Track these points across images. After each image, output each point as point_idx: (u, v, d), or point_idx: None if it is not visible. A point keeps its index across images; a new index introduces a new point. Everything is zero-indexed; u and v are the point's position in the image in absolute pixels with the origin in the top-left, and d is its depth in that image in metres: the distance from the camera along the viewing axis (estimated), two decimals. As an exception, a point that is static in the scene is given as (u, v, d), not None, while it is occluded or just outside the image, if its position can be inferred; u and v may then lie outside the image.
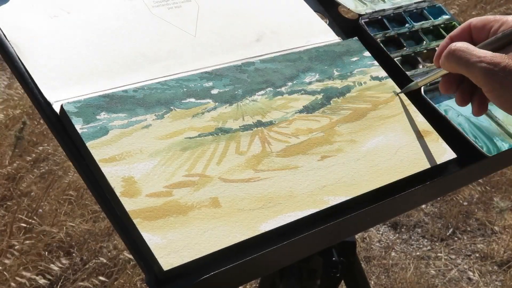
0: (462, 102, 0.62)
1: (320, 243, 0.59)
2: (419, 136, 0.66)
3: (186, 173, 0.54)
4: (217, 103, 0.60)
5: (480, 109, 0.61)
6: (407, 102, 0.70)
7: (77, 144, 0.53)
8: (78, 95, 0.57)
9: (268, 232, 0.53)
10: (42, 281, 1.53)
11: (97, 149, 0.52)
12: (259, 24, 0.72)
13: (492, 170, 0.74)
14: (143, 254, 0.48)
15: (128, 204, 0.50)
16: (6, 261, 1.55)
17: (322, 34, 0.75)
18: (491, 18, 0.60)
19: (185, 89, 0.60)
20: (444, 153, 0.66)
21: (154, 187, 0.52)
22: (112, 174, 0.51)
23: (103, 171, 0.51)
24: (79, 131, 0.53)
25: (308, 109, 0.64)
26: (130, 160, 0.53)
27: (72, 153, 0.53)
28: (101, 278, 1.54)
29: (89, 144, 0.52)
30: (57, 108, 0.55)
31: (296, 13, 0.76)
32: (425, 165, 0.64)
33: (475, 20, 0.60)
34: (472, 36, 0.61)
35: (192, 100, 0.59)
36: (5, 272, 1.53)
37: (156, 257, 0.48)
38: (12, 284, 1.51)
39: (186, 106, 0.59)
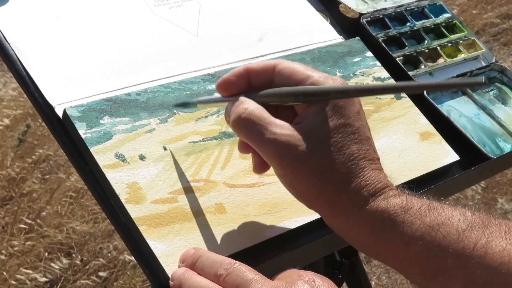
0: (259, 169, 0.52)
1: (328, 248, 0.59)
2: (422, 138, 0.66)
3: (191, 178, 0.53)
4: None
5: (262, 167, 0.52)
6: (409, 103, 0.69)
7: (80, 149, 0.53)
8: (80, 97, 0.56)
9: (274, 238, 0.52)
10: (42, 279, 1.53)
11: (101, 155, 0.51)
12: (261, 23, 0.71)
13: (495, 172, 0.74)
14: (149, 262, 0.48)
15: (133, 211, 0.49)
16: (6, 261, 1.55)
17: (324, 33, 0.74)
18: (299, 72, 0.49)
19: (188, 92, 0.59)
20: (447, 155, 0.66)
21: (159, 193, 0.51)
22: (117, 180, 0.50)
23: (107, 177, 0.50)
24: (83, 136, 0.52)
25: None
26: (134, 165, 0.52)
27: (75, 158, 0.52)
28: (101, 274, 1.54)
29: (93, 150, 0.51)
30: (59, 111, 0.54)
31: (298, 12, 0.75)
32: (428, 167, 0.64)
33: (282, 66, 0.50)
34: (274, 80, 0.50)
35: None
36: (4, 273, 1.52)
37: (162, 265, 0.47)
38: (12, 282, 1.50)
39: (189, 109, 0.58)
